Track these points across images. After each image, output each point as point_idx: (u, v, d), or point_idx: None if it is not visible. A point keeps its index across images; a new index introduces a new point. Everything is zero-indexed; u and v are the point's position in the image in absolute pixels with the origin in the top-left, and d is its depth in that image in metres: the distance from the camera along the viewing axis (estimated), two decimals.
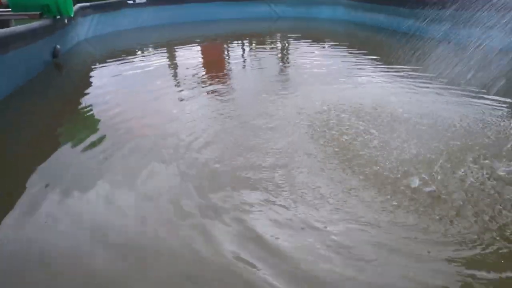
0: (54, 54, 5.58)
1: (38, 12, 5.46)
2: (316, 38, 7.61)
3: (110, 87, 4.50)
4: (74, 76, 5.35)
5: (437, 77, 4.02)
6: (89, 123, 3.37)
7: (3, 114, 3.58)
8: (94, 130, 3.13)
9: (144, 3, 10.01)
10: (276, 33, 8.68)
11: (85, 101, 3.98)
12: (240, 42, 7.77)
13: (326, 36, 8.01)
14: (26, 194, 2.18)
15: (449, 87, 3.79)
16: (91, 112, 3.62)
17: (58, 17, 5.83)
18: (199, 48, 7.13)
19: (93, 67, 5.59)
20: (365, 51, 5.93)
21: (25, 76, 4.51)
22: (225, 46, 7.44)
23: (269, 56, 6.19)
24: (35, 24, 4.97)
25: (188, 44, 7.32)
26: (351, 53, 5.99)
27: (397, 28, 7.33)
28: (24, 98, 4.04)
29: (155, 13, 10.04)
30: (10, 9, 5.53)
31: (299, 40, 7.53)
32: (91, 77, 5.11)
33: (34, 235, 1.85)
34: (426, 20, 5.95)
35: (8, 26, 5.20)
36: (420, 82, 4.11)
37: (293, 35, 8.08)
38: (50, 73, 5.19)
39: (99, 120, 3.38)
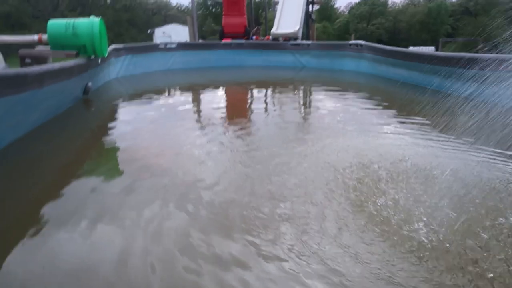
0: (85, 91, 5.82)
1: (75, 52, 5.77)
2: (339, 88, 7.71)
3: (135, 124, 4.61)
4: (101, 112, 5.53)
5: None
6: (111, 159, 3.42)
7: (33, 143, 3.70)
8: (116, 168, 3.16)
9: (174, 47, 10.49)
10: (300, 82, 8.85)
11: (109, 136, 4.07)
12: (264, 89, 7.95)
13: (348, 87, 8.10)
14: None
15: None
16: (113, 149, 3.69)
17: (93, 56, 6.14)
18: (224, 92, 7.32)
19: (120, 104, 5.78)
20: (386, 104, 5.93)
21: (56, 110, 4.69)
22: (249, 92, 7.61)
23: (292, 104, 6.27)
24: (70, 62, 5.23)
25: (214, 88, 7.54)
26: (373, 104, 6.00)
27: (419, 83, 7.36)
28: (53, 130, 4.17)
29: (184, 57, 10.50)
30: (49, 47, 5.87)
31: (322, 90, 7.64)
32: (117, 113, 5.27)
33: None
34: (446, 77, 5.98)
35: (45, 63, 5.49)
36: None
37: (316, 85, 8.22)
38: (79, 108, 5.38)
39: (119, 155, 3.43)
